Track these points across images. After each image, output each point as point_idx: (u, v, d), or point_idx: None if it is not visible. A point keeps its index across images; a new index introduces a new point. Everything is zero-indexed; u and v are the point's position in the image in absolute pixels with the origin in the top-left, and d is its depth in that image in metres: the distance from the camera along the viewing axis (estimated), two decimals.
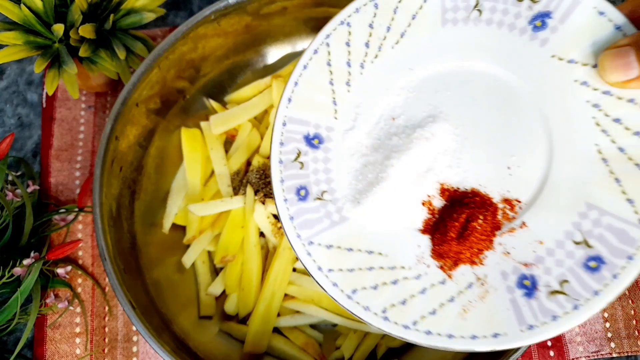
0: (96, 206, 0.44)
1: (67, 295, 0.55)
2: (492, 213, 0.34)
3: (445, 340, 0.32)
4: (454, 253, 0.34)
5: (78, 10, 0.51)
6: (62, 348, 0.53)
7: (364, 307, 0.34)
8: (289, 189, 0.36)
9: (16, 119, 0.63)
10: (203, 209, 0.52)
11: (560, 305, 0.30)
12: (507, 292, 0.32)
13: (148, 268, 0.49)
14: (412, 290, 0.34)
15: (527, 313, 0.31)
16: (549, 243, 0.32)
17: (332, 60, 0.37)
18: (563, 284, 0.31)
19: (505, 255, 0.33)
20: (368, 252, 0.36)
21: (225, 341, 0.50)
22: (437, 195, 0.35)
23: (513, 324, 0.31)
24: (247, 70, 0.59)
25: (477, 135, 0.35)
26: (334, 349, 0.51)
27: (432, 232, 0.35)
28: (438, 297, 0.33)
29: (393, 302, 0.34)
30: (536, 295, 0.31)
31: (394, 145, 0.36)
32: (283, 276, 0.49)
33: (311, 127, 0.37)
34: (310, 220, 0.36)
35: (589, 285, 0.30)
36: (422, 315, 0.33)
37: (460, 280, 0.33)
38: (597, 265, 0.30)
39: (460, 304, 0.33)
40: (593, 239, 0.31)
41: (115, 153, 0.47)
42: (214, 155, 0.55)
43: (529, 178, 0.34)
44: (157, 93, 0.51)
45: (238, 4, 0.49)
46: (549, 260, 0.32)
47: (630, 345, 0.52)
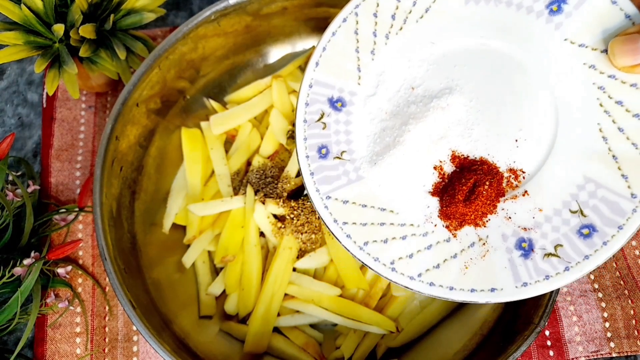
0: (96, 206, 0.44)
1: (67, 295, 0.55)
2: (498, 181, 0.36)
3: (446, 292, 0.35)
4: (460, 214, 0.36)
5: (78, 11, 0.51)
6: (62, 348, 0.53)
7: (374, 258, 0.37)
8: (311, 146, 0.39)
9: (16, 119, 0.63)
10: (203, 208, 0.52)
11: (553, 266, 0.34)
12: (506, 253, 0.35)
13: (148, 268, 0.49)
14: (419, 246, 0.37)
15: (522, 272, 0.34)
16: (547, 210, 0.35)
17: (359, 29, 0.39)
18: (557, 248, 0.34)
19: (506, 220, 0.36)
20: (381, 209, 0.39)
21: (225, 341, 0.50)
22: (448, 161, 0.38)
23: (509, 280, 0.34)
24: (247, 71, 0.59)
25: (489, 108, 0.38)
26: (334, 349, 0.51)
27: (441, 194, 0.38)
28: (442, 253, 0.36)
29: (401, 255, 0.37)
30: (532, 257, 0.34)
31: (411, 112, 0.39)
32: (283, 276, 0.49)
33: (335, 90, 0.40)
34: (329, 177, 0.39)
35: (581, 250, 0.33)
36: (426, 268, 0.36)
37: (464, 239, 0.36)
38: (590, 232, 0.33)
39: (462, 260, 0.36)
40: (588, 209, 0.34)
41: (115, 153, 0.47)
42: (214, 155, 0.55)
43: (534, 151, 0.36)
44: (157, 93, 0.51)
45: (238, 4, 0.50)
46: (546, 226, 0.35)
47: (629, 345, 0.52)
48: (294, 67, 0.58)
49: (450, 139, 0.38)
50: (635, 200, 0.32)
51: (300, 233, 0.50)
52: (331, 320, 0.50)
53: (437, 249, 0.37)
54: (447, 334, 0.49)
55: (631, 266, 0.55)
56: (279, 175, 0.55)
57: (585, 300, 0.54)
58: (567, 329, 0.53)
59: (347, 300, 0.50)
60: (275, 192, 0.53)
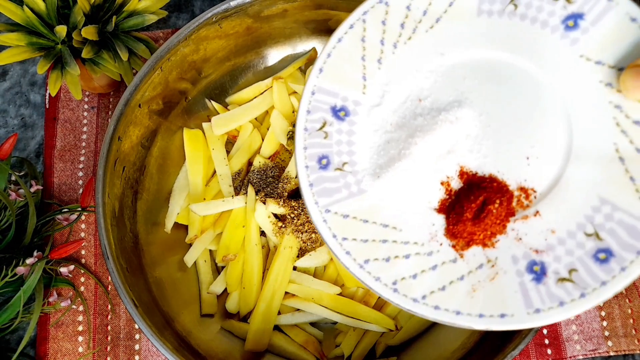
0: (99, 206, 0.44)
1: (69, 294, 0.55)
2: (508, 199, 0.34)
3: (452, 316, 0.32)
4: (467, 234, 0.34)
5: (80, 12, 0.52)
6: (64, 346, 0.53)
7: (374, 278, 0.34)
8: (311, 156, 0.37)
9: (19, 120, 0.64)
10: (205, 208, 0.52)
11: (568, 292, 0.31)
12: (517, 276, 0.33)
13: (150, 267, 0.49)
14: (423, 266, 0.34)
15: (534, 297, 0.32)
16: (560, 232, 0.33)
17: (366, 36, 0.38)
18: (572, 273, 0.32)
19: (517, 241, 0.34)
20: (383, 225, 0.36)
21: (226, 339, 0.51)
22: (455, 177, 0.36)
23: (520, 306, 0.32)
24: (248, 72, 0.59)
25: (500, 123, 0.36)
26: (334, 347, 0.51)
27: (447, 211, 0.36)
28: (448, 275, 0.34)
29: (404, 276, 0.34)
30: (545, 281, 0.32)
31: (418, 125, 0.37)
32: (284, 275, 0.50)
33: (339, 99, 0.38)
34: (329, 189, 0.37)
35: (597, 276, 0.31)
36: (431, 290, 0.34)
37: (471, 260, 0.34)
38: (606, 257, 0.31)
39: (470, 283, 0.33)
40: (604, 232, 0.32)
41: (118, 153, 0.47)
42: (216, 156, 0.55)
43: (546, 170, 0.35)
44: (159, 94, 0.51)
45: (239, 7, 0.50)
46: (559, 248, 0.33)
47: (627, 343, 0.53)
48: (294, 68, 0.59)
49: (458, 153, 0.36)
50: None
51: (301, 232, 0.51)
52: (331, 318, 0.50)
53: (442, 269, 0.34)
54: (445, 332, 0.49)
55: None
56: (280, 175, 0.55)
57: None
58: (565, 327, 0.53)
59: (347, 299, 0.50)
60: (276, 192, 0.53)
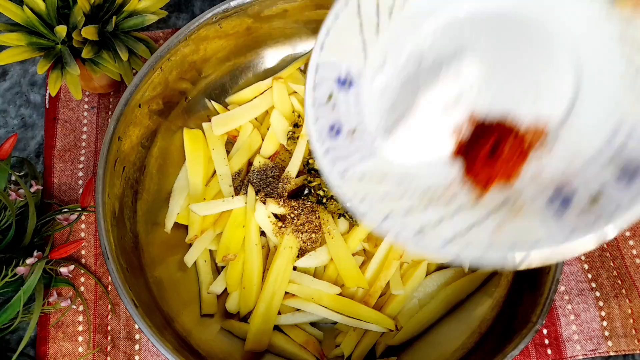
0: (99, 206, 0.44)
1: (69, 293, 0.55)
2: (522, 136, 0.34)
3: (480, 254, 0.31)
4: (485, 174, 0.34)
5: (80, 12, 0.52)
6: (64, 346, 0.53)
7: (396, 233, 0.34)
8: (322, 127, 0.38)
9: (19, 120, 0.64)
10: (205, 208, 0.52)
11: (591, 220, 0.30)
12: (539, 208, 0.32)
13: (150, 267, 0.49)
14: (444, 214, 0.34)
15: (560, 225, 0.31)
16: (579, 162, 0.32)
17: (361, 10, 0.38)
18: (597, 197, 0.31)
19: (536, 175, 0.33)
20: (399, 180, 0.36)
21: (226, 339, 0.51)
22: (466, 125, 0.36)
23: (546, 234, 0.31)
24: (248, 72, 0.59)
25: (503, 64, 0.36)
26: (334, 347, 0.51)
27: (463, 155, 0.36)
28: (471, 217, 0.33)
29: (425, 226, 0.33)
30: (569, 210, 0.31)
31: (422, 82, 0.37)
32: (284, 275, 0.50)
33: (342, 70, 0.39)
34: (343, 155, 0.37)
35: (622, 197, 0.30)
36: (455, 234, 0.33)
37: (493, 200, 0.34)
38: (630, 178, 0.30)
39: (495, 221, 0.33)
40: (626, 151, 0.31)
41: (118, 153, 0.47)
42: (216, 156, 0.55)
43: (558, 99, 0.34)
44: (159, 94, 0.51)
45: (239, 7, 0.50)
46: (581, 176, 0.32)
47: (627, 343, 0.53)
48: (294, 68, 0.59)
49: (465, 101, 0.36)
50: None
51: (301, 232, 0.51)
52: (331, 318, 0.50)
53: (464, 213, 0.34)
54: (445, 333, 0.50)
55: (628, 265, 0.56)
56: (280, 175, 0.55)
57: (583, 299, 0.54)
58: (565, 327, 0.53)
59: (347, 299, 0.50)
60: (276, 192, 0.53)
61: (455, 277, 0.52)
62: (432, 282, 0.52)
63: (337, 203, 0.53)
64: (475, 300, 0.51)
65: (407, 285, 0.51)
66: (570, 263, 0.56)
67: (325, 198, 0.53)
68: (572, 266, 0.56)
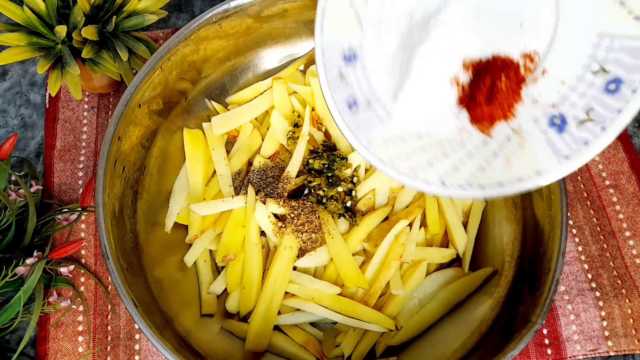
0: (99, 206, 0.44)
1: (69, 293, 0.55)
2: (515, 70, 0.36)
3: (498, 190, 0.35)
4: (487, 114, 0.37)
5: (80, 12, 0.52)
6: (64, 346, 0.53)
7: (425, 182, 0.38)
8: (341, 105, 0.40)
9: (19, 120, 0.64)
10: (205, 208, 0.52)
11: (590, 131, 0.33)
12: (542, 134, 0.35)
13: (150, 267, 0.49)
14: (460, 157, 0.37)
15: (562, 146, 0.34)
16: (570, 80, 0.34)
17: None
18: (589, 112, 0.33)
19: (534, 104, 0.36)
20: (417, 135, 0.39)
21: (226, 339, 0.51)
22: (462, 71, 0.38)
23: (551, 159, 0.34)
24: (248, 72, 0.59)
25: (487, 4, 0.37)
26: (334, 347, 0.51)
27: (466, 102, 0.38)
28: (483, 156, 0.37)
29: (447, 171, 0.37)
30: (567, 129, 0.34)
31: (415, 39, 0.39)
32: (283, 275, 0.50)
33: (345, 46, 0.41)
34: (365, 125, 0.40)
35: (612, 106, 0.32)
36: (473, 174, 0.36)
37: (499, 135, 0.37)
38: (616, 86, 0.32)
39: (504, 156, 0.36)
40: (609, 64, 0.33)
41: (118, 153, 0.47)
42: (216, 156, 0.55)
43: (540, 27, 0.36)
44: (159, 94, 0.51)
45: (239, 7, 0.50)
46: (572, 95, 0.34)
47: (627, 343, 0.53)
48: (294, 68, 0.59)
49: (457, 49, 0.38)
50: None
51: (301, 232, 0.51)
52: (331, 318, 0.50)
53: (477, 154, 0.37)
54: (445, 333, 0.50)
55: (628, 265, 0.56)
56: (280, 175, 0.55)
57: (583, 299, 0.54)
58: (565, 327, 0.53)
59: (347, 299, 0.50)
60: (276, 192, 0.53)
61: (455, 277, 0.52)
62: (432, 282, 0.52)
63: (337, 203, 0.53)
64: (475, 300, 0.51)
65: (407, 285, 0.51)
66: (570, 263, 0.56)
67: (325, 198, 0.53)
68: (572, 266, 0.56)
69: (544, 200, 0.47)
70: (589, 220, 0.58)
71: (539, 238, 0.47)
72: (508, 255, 0.50)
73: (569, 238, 0.58)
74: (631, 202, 0.59)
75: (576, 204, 0.59)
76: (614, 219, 0.58)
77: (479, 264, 0.53)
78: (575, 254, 0.57)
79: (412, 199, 0.56)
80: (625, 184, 0.60)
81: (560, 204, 0.45)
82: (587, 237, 0.58)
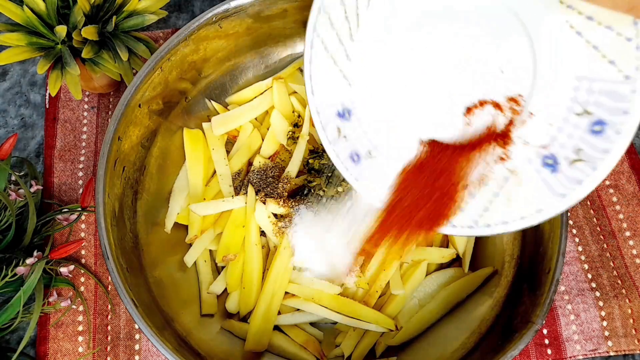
0: (99, 206, 0.44)
1: (69, 294, 0.55)
2: (502, 110, 0.38)
3: (503, 227, 0.38)
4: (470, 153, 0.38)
5: (80, 12, 0.52)
6: (64, 346, 0.53)
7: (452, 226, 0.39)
8: (345, 159, 0.42)
9: (19, 120, 0.64)
10: (205, 208, 0.52)
11: (581, 170, 0.35)
12: (537, 174, 0.37)
13: (150, 267, 0.49)
14: (464, 199, 0.39)
15: (556, 185, 0.36)
16: (556, 122, 0.36)
17: (327, 45, 0.41)
18: (579, 152, 0.35)
19: (525, 145, 0.37)
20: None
21: (226, 339, 0.51)
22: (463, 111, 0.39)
23: (549, 197, 0.36)
24: (248, 72, 0.59)
25: (467, 55, 0.38)
26: (334, 347, 0.51)
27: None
28: (485, 197, 0.39)
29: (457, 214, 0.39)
30: (559, 169, 0.35)
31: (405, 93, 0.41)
32: (283, 274, 0.50)
33: (338, 105, 0.42)
34: (369, 176, 0.42)
35: (599, 147, 0.34)
36: (478, 214, 0.39)
37: (498, 177, 0.38)
38: (601, 128, 0.34)
39: (504, 196, 0.38)
40: (591, 106, 0.34)
41: (118, 153, 0.47)
42: (216, 156, 0.55)
43: (520, 70, 0.37)
44: (159, 94, 0.51)
45: (239, 7, 0.50)
46: (560, 136, 0.36)
47: (627, 343, 0.53)
48: (294, 68, 0.59)
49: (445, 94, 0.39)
50: (630, 81, 0.32)
51: None
52: (331, 318, 0.50)
53: (479, 195, 0.39)
54: (445, 333, 0.50)
55: (628, 265, 0.56)
56: (280, 175, 0.55)
57: (583, 299, 0.54)
58: (565, 327, 0.53)
59: (347, 299, 0.50)
60: (276, 192, 0.53)
61: (455, 277, 0.52)
62: (432, 282, 0.52)
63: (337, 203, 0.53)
64: (475, 300, 0.51)
65: (407, 285, 0.51)
66: (570, 263, 0.56)
67: (325, 198, 0.53)
68: (572, 266, 0.56)
69: None
70: (589, 220, 0.58)
71: (539, 238, 0.47)
72: (508, 255, 0.50)
73: (569, 238, 0.57)
74: (631, 202, 0.59)
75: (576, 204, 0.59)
76: (614, 219, 0.58)
77: (479, 264, 0.53)
78: (575, 254, 0.57)
79: None
80: (625, 184, 0.60)
81: None
82: (587, 237, 0.58)
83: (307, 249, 0.50)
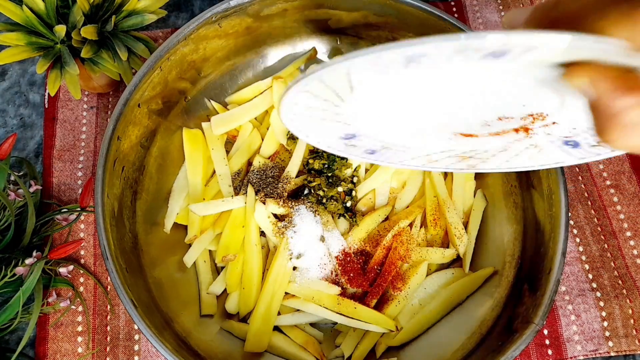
0: (98, 206, 0.44)
1: (69, 294, 0.55)
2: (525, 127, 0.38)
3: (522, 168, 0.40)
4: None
5: (80, 12, 0.52)
6: (64, 347, 0.53)
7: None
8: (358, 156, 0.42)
9: (18, 120, 0.64)
10: (204, 208, 0.52)
11: (602, 149, 0.36)
12: (557, 148, 0.38)
13: (150, 267, 0.49)
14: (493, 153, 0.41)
15: (577, 154, 0.38)
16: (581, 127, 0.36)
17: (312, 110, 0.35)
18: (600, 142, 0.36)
19: (547, 135, 0.38)
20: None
21: (226, 339, 0.50)
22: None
23: (569, 159, 0.38)
24: (248, 72, 0.59)
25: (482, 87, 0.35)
26: (334, 348, 0.51)
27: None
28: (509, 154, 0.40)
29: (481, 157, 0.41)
30: (580, 147, 0.37)
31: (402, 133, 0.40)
32: (283, 275, 0.49)
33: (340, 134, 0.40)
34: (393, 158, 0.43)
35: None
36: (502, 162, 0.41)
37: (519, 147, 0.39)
38: None
39: (526, 155, 0.40)
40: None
41: (117, 153, 0.47)
42: (215, 156, 0.55)
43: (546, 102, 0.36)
44: (158, 94, 0.51)
45: (239, 6, 0.50)
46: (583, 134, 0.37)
47: (628, 344, 0.53)
48: (294, 68, 0.58)
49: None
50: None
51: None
52: (331, 318, 0.50)
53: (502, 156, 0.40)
54: (446, 333, 0.49)
55: (629, 266, 0.56)
56: (280, 175, 0.55)
57: (584, 300, 0.54)
58: (566, 328, 0.53)
59: (347, 299, 0.50)
60: (275, 192, 0.53)
61: (455, 277, 0.52)
62: (433, 282, 0.52)
63: (337, 203, 0.53)
64: (475, 300, 0.50)
65: (407, 285, 0.50)
66: (571, 263, 0.56)
67: (325, 198, 0.53)
68: (573, 266, 0.56)
69: (545, 201, 0.47)
70: (590, 220, 0.58)
71: (540, 238, 0.47)
72: (509, 256, 0.50)
73: (570, 238, 0.57)
74: (632, 202, 0.59)
75: (577, 204, 0.59)
76: (614, 219, 0.58)
77: (480, 264, 0.53)
78: (576, 254, 0.57)
79: (413, 199, 0.56)
80: (626, 184, 0.60)
81: (561, 204, 0.45)
82: (588, 237, 0.57)
83: (307, 249, 0.50)
